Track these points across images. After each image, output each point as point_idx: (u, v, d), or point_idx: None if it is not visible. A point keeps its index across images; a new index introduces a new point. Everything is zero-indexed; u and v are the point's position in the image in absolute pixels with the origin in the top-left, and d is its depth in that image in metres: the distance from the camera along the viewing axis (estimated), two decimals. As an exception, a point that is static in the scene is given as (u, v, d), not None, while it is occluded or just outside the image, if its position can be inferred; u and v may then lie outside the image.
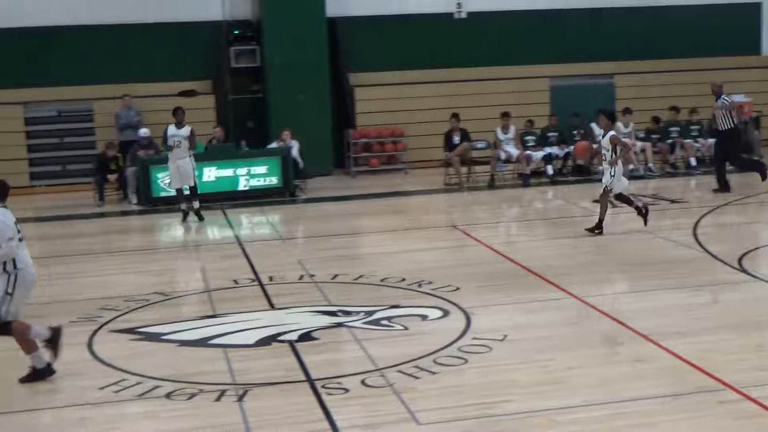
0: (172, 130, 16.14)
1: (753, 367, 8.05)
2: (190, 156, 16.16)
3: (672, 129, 20.68)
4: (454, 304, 10.38)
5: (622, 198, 13.98)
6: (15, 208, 8.42)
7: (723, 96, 17.34)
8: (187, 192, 16.28)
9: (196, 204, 16.36)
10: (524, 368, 8.25)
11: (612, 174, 13.54)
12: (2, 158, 20.18)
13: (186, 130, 16.11)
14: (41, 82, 20.63)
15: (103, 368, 8.60)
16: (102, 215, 17.85)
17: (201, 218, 16.32)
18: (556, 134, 20.57)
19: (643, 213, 13.71)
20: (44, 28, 20.59)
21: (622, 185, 13.74)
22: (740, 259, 11.95)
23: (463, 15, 22.66)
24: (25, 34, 20.53)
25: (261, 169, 18.65)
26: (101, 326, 9.98)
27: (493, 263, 12.41)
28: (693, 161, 20.15)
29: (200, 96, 21.51)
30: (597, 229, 13.67)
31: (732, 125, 17.33)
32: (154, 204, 18.13)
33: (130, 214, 18.06)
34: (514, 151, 19.59)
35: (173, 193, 16.90)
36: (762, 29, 24.43)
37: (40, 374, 8.22)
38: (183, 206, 16.41)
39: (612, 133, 13.69)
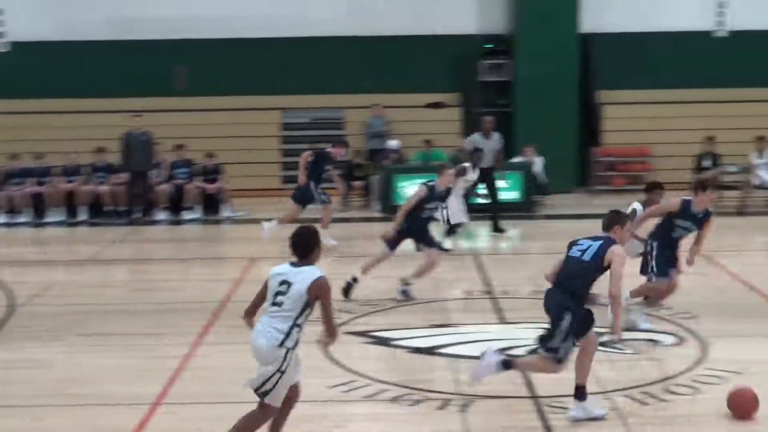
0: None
1: None
2: None
3: None
4: (691, 331, 10.04)
5: None
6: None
7: None
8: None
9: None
10: (762, 405, 7.83)
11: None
12: (259, 161, 21.39)
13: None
14: (298, 90, 21.63)
15: (335, 368, 8.90)
16: (345, 220, 18.46)
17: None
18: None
19: None
20: (302, 39, 21.58)
21: None
22: None
23: (721, 34, 21.78)
24: (284, 44, 21.61)
25: (502, 183, 18.64)
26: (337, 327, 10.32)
27: (736, 292, 11.88)
28: None
29: (447, 108, 21.85)
30: None
31: None
32: (394, 211, 18.52)
33: (372, 220, 18.56)
34: (768, 177, 18.63)
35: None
36: None
37: None
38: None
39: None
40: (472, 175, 16.00)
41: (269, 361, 6.45)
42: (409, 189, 18.16)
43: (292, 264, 6.53)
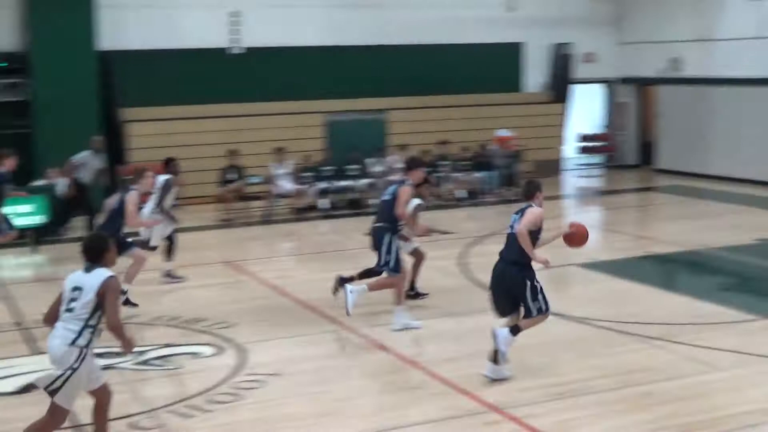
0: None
1: (515, 389, 8.43)
2: None
3: (442, 163, 21.43)
4: (229, 340, 10.31)
5: None
6: None
7: None
8: None
9: None
10: (299, 401, 8.31)
11: None
12: None
13: None
14: None
15: None
16: None
17: None
18: (331, 168, 20.86)
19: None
20: None
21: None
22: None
23: (237, 50, 22.62)
24: None
25: (26, 208, 17.81)
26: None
27: (268, 298, 12.40)
28: (461, 194, 21.00)
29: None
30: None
31: None
32: None
33: None
34: (289, 186, 19.74)
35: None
36: (522, 68, 25.75)
37: None
38: None
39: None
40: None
41: (62, 362, 6.47)
42: None
43: (85, 270, 6.65)
